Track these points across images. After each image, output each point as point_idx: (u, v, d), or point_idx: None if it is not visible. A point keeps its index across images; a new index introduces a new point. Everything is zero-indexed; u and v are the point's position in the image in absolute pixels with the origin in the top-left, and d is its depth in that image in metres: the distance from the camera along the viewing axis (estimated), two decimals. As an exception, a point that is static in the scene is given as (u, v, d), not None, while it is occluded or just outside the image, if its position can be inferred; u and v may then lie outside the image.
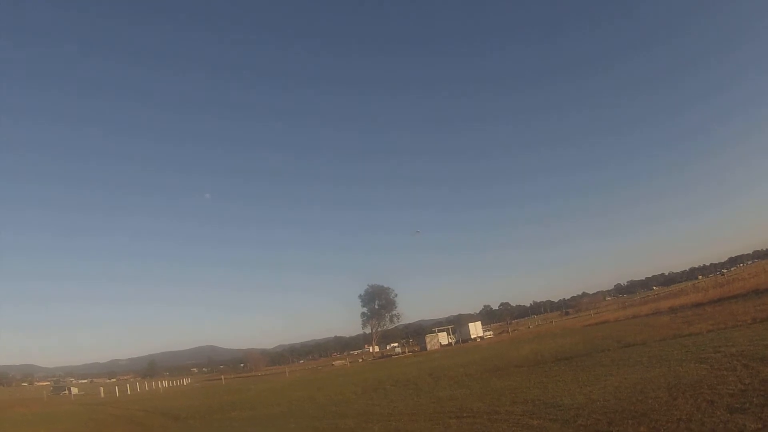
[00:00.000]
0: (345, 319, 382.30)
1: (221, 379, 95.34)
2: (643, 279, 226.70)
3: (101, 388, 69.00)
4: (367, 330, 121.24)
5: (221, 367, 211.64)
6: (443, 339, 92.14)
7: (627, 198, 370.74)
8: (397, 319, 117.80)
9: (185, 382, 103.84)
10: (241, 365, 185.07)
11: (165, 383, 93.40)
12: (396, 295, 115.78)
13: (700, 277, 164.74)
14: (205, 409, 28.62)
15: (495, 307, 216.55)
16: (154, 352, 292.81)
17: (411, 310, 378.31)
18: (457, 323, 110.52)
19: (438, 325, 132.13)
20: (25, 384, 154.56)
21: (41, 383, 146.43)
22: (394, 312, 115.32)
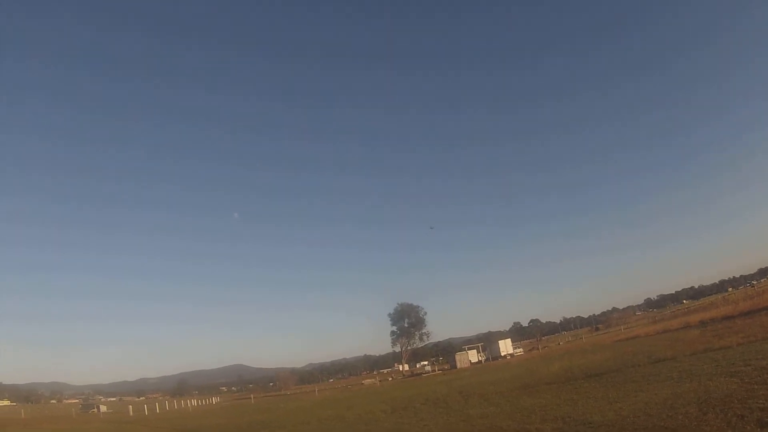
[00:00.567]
0: (374, 337, 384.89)
1: (250, 398, 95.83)
2: (672, 293, 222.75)
3: (130, 407, 69.93)
4: (397, 348, 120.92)
5: (250, 386, 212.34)
6: (473, 357, 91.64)
7: (655, 211, 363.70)
8: (427, 337, 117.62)
9: (214, 401, 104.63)
10: (270, 384, 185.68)
11: (194, 402, 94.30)
12: (425, 313, 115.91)
13: (730, 289, 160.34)
14: (233, 428, 29.08)
15: (525, 323, 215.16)
16: (184, 371, 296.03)
17: (440, 328, 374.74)
18: (487, 341, 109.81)
19: (468, 342, 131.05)
20: (53, 401, 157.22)
21: (70, 401, 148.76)
22: (424, 330, 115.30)
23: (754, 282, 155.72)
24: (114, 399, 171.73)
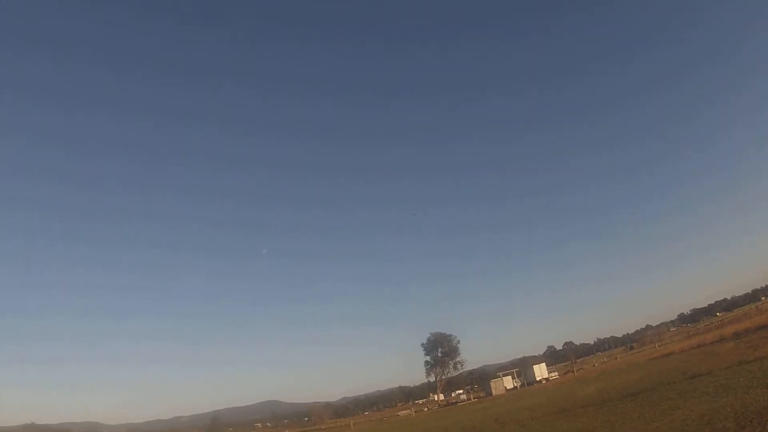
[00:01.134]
0: (408, 368, 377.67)
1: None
2: (705, 306, 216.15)
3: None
4: (431, 378, 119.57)
5: (285, 421, 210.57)
6: (508, 383, 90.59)
7: (683, 225, 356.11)
8: (461, 365, 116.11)
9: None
10: (305, 419, 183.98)
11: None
12: (458, 341, 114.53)
13: (764, 298, 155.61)
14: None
15: (559, 347, 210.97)
16: (218, 408, 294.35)
17: (474, 355, 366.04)
18: (522, 366, 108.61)
19: (502, 368, 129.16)
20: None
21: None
22: (458, 359, 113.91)
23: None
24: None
